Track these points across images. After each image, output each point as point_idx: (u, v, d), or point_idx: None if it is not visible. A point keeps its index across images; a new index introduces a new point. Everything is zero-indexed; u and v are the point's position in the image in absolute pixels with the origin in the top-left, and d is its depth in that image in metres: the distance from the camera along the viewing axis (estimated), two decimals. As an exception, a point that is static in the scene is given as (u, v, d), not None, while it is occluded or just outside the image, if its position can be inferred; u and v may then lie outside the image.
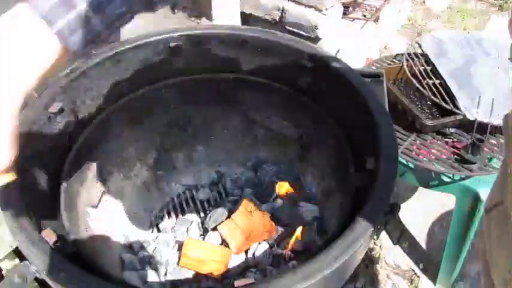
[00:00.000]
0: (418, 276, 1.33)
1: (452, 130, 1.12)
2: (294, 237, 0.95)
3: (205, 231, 1.02)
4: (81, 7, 0.42)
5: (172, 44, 0.95)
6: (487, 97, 1.08)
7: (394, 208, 0.71)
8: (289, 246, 0.95)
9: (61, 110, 0.83)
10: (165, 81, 1.01)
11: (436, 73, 1.20)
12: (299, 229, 0.96)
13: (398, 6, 2.32)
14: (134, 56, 0.94)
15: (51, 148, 0.82)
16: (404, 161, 1.07)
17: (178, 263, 0.94)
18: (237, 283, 0.60)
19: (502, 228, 0.49)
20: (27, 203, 0.69)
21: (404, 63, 1.24)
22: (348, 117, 0.90)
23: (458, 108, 1.09)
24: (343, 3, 1.91)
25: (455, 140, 1.11)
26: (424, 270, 1.35)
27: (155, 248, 0.99)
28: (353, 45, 1.92)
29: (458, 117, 1.09)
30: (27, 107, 0.80)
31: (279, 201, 1.05)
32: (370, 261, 1.34)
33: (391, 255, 1.38)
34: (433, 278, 1.31)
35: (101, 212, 0.94)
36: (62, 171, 0.84)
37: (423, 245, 1.42)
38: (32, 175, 0.75)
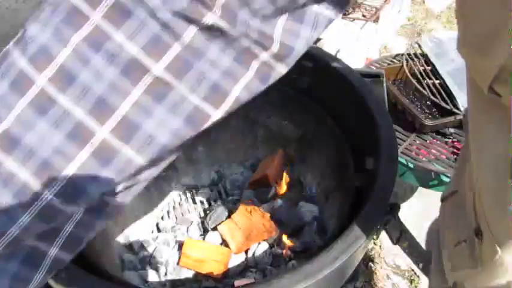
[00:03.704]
0: (418, 276, 1.33)
1: (452, 130, 1.12)
2: (286, 245, 0.95)
3: (205, 231, 1.02)
4: None
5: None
6: (487, 97, 1.08)
7: (394, 208, 0.71)
8: (286, 248, 0.95)
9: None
10: (165, 81, 1.01)
11: (435, 73, 1.21)
12: (284, 237, 0.96)
13: (398, 7, 2.32)
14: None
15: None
16: (404, 161, 1.07)
17: (178, 263, 0.94)
18: (237, 283, 0.60)
19: (457, 214, 0.51)
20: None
21: (404, 64, 1.24)
22: (348, 117, 0.90)
23: (458, 108, 1.09)
24: (343, 3, 1.91)
25: (454, 140, 1.11)
26: (424, 270, 1.35)
27: (155, 248, 0.99)
28: (353, 45, 1.92)
29: (458, 117, 1.09)
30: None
31: (279, 201, 1.05)
32: (370, 261, 1.34)
33: (391, 255, 1.37)
34: (433, 278, 1.31)
35: (101, 212, 0.94)
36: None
37: (423, 245, 1.42)
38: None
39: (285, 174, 1.07)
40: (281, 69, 0.34)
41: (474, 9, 0.31)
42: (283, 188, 1.07)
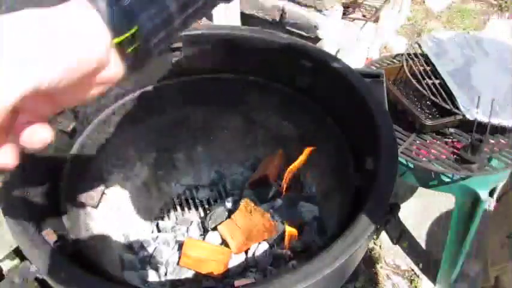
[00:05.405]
0: (418, 276, 1.34)
1: (452, 130, 1.12)
2: (286, 237, 0.95)
3: (205, 231, 1.02)
4: None
5: (172, 44, 0.95)
6: (487, 97, 1.08)
7: (394, 208, 0.71)
8: (286, 246, 0.95)
9: (61, 110, 0.83)
10: (165, 81, 1.01)
11: (435, 73, 1.21)
12: (287, 228, 0.96)
13: (398, 7, 2.32)
14: (134, 56, 0.94)
15: (51, 148, 0.82)
16: (404, 161, 1.07)
17: (178, 263, 0.94)
18: (237, 283, 0.60)
19: (506, 211, 0.51)
20: (27, 203, 0.69)
21: (404, 64, 1.24)
22: (348, 117, 0.90)
23: (458, 108, 1.09)
24: (343, 4, 1.91)
25: (454, 140, 1.11)
26: (424, 270, 1.35)
27: (155, 248, 0.99)
28: (353, 45, 1.93)
29: (458, 117, 1.09)
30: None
31: (279, 201, 1.05)
32: (370, 261, 1.34)
33: (391, 255, 1.38)
34: (433, 278, 1.31)
35: (101, 212, 0.94)
36: (62, 171, 0.84)
37: (423, 245, 1.42)
38: (33, 175, 0.75)
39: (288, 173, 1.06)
40: None
41: None
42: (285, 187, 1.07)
